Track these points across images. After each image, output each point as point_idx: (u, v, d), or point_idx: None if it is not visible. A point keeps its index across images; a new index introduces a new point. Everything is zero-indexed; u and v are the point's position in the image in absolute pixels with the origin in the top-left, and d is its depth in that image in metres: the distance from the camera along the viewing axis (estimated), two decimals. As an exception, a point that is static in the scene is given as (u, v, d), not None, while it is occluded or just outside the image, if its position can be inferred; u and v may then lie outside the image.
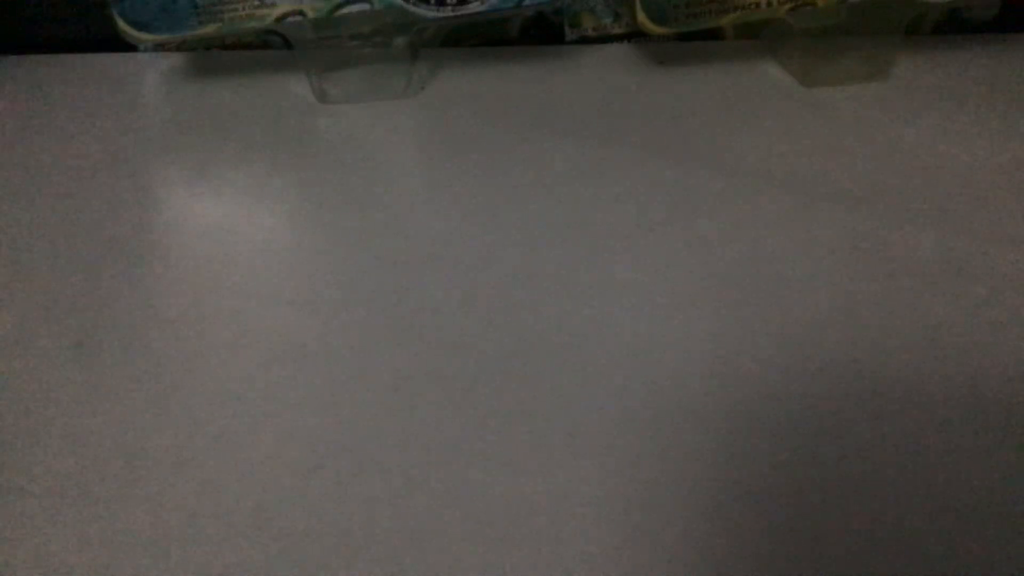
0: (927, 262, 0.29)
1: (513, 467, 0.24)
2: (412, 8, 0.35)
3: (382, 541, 0.22)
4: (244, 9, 0.34)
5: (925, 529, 0.22)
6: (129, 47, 0.40)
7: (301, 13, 0.35)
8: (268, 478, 0.24)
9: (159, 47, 0.41)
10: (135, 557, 0.22)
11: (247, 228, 0.32)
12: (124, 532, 0.22)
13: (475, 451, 0.24)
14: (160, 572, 0.22)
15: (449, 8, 0.35)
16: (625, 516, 0.23)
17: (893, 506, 0.23)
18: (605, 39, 0.42)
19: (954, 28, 0.41)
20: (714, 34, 0.41)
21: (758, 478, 0.23)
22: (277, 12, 0.34)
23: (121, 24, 0.34)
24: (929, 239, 0.30)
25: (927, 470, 0.23)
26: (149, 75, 0.40)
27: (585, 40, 0.42)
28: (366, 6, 0.35)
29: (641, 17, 0.35)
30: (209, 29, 0.35)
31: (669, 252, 0.30)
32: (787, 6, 0.35)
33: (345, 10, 0.35)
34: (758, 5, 0.35)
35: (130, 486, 0.24)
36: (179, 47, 0.41)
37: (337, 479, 0.24)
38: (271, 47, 0.42)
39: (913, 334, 0.27)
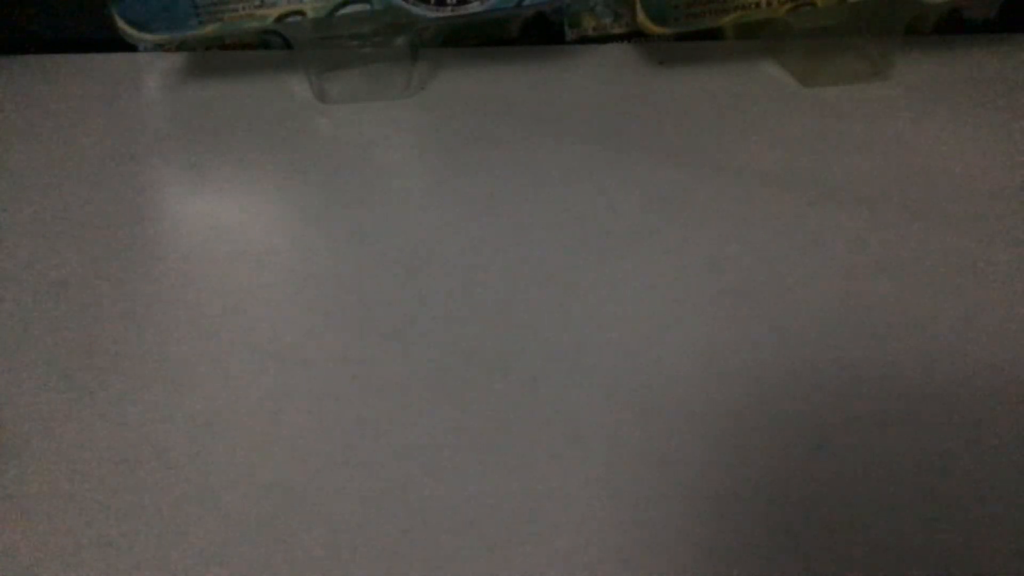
0: (928, 261, 0.29)
1: (513, 466, 0.24)
2: (412, 8, 0.35)
3: (383, 540, 0.22)
4: (244, 9, 0.34)
5: (925, 528, 0.22)
6: (129, 47, 0.40)
7: (301, 13, 0.35)
8: (268, 478, 0.24)
9: (159, 47, 0.41)
10: (134, 558, 0.22)
11: (247, 228, 0.32)
12: (124, 534, 0.22)
13: (474, 451, 0.24)
14: (160, 573, 0.22)
15: (449, 8, 0.35)
16: (625, 516, 0.23)
17: (893, 505, 0.23)
18: (605, 39, 0.42)
19: (954, 28, 0.41)
20: (714, 34, 0.41)
21: (758, 478, 0.23)
22: (277, 12, 0.34)
23: (121, 24, 0.34)
24: (929, 238, 0.30)
25: (927, 470, 0.23)
26: (149, 75, 0.40)
27: (585, 40, 0.42)
28: (366, 6, 0.35)
29: (641, 17, 0.35)
30: (209, 29, 0.35)
31: (669, 251, 0.30)
32: (787, 6, 0.35)
33: (345, 10, 0.35)
34: (758, 5, 0.35)
35: (129, 488, 0.24)
36: (179, 47, 0.41)
37: (339, 479, 0.24)
38: (271, 47, 0.42)
39: (913, 334, 0.27)
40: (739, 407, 0.25)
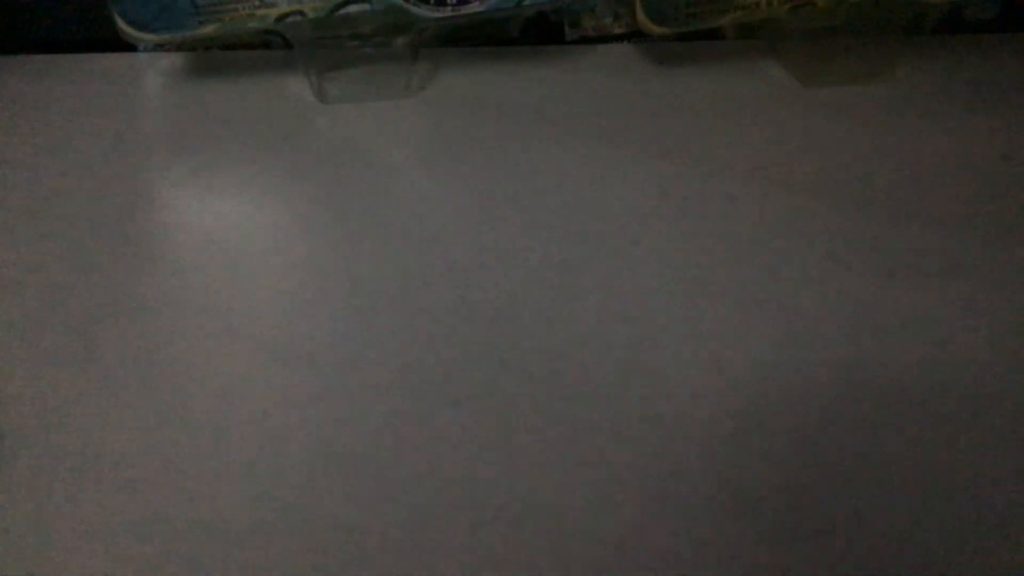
0: (927, 261, 0.29)
1: (515, 466, 0.24)
2: (412, 8, 0.35)
3: (384, 539, 0.22)
4: (244, 9, 0.34)
5: (924, 528, 0.22)
6: (129, 47, 0.40)
7: (301, 13, 0.34)
8: (268, 479, 0.24)
9: (159, 47, 0.41)
10: (131, 556, 0.22)
11: (247, 228, 0.32)
12: (120, 532, 0.22)
13: (479, 451, 0.24)
14: (155, 571, 0.22)
15: (449, 8, 0.35)
16: (625, 516, 0.23)
17: (892, 505, 0.23)
18: (605, 39, 0.42)
19: (954, 28, 0.41)
20: (714, 34, 0.41)
21: (758, 477, 0.23)
22: (277, 12, 0.34)
23: (121, 24, 0.34)
24: (929, 238, 0.30)
25: (926, 469, 0.23)
26: (149, 75, 0.40)
27: (585, 40, 0.42)
28: (366, 6, 0.35)
29: (641, 17, 0.35)
30: (209, 29, 0.35)
31: (669, 252, 0.30)
32: (787, 6, 0.35)
33: (345, 10, 0.35)
34: (758, 5, 0.35)
35: (127, 487, 0.24)
36: (179, 47, 0.41)
37: (339, 478, 0.24)
38: (271, 47, 0.42)
39: (913, 333, 0.27)
40: (738, 406, 0.25)
